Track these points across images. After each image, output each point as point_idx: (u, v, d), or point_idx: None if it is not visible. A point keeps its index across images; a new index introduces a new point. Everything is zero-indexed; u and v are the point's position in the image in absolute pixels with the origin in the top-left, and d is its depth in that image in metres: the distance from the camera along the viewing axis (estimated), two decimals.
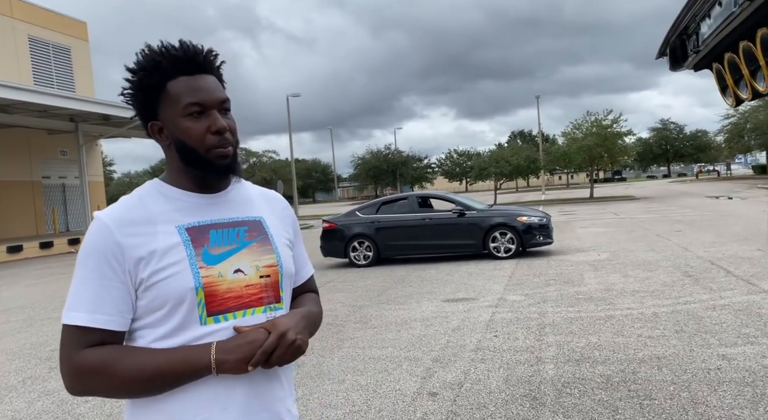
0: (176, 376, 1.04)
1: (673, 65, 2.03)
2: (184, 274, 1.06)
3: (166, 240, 1.07)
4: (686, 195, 29.59)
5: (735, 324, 4.97)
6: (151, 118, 1.13)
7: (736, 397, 3.42)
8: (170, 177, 1.16)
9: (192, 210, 1.13)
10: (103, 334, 1.05)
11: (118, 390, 1.05)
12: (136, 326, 1.09)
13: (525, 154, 36.00)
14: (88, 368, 1.03)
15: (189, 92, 1.09)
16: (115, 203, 1.13)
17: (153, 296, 1.06)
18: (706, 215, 16.44)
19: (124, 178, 67.17)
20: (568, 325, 5.35)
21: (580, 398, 3.58)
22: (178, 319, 1.06)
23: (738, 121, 51.44)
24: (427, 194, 11.62)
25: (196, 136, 1.09)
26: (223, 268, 1.09)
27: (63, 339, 1.06)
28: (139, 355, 1.05)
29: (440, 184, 66.27)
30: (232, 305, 1.09)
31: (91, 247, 1.07)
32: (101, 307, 1.04)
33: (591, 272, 8.16)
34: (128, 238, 1.06)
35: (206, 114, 1.10)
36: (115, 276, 1.05)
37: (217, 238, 1.12)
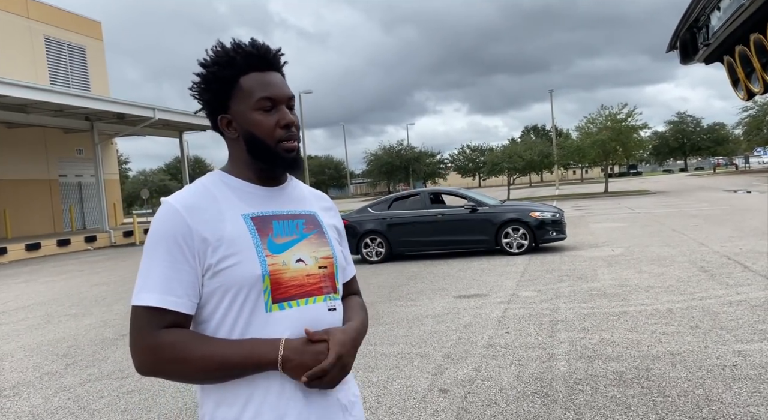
0: (242, 369, 1.07)
1: (684, 58, 1.99)
2: (251, 262, 1.09)
3: (233, 228, 1.11)
4: (703, 189, 29.17)
5: (752, 320, 4.90)
6: (220, 111, 1.18)
7: (752, 395, 3.37)
8: (233, 169, 1.20)
9: (255, 200, 1.17)
10: (173, 315, 1.08)
11: (185, 375, 1.09)
12: (202, 312, 1.13)
13: (538, 149, 35.72)
14: (160, 351, 1.07)
15: (261, 87, 1.15)
16: (181, 191, 1.16)
17: (220, 282, 1.09)
18: (724, 209, 16.20)
19: (140, 176, 67.72)
20: (581, 321, 5.31)
21: (592, 395, 3.56)
22: (244, 305, 1.09)
23: (757, 114, 50.50)
24: (438, 190, 11.60)
25: (267, 129, 1.14)
26: (286, 257, 1.14)
27: (134, 320, 1.09)
28: (209, 344, 1.08)
29: (453, 180, 66.05)
30: (296, 293, 1.13)
31: (162, 230, 1.09)
32: (171, 289, 1.07)
33: (605, 268, 8.09)
34: (198, 224, 1.09)
35: (276, 109, 1.15)
36: (185, 259, 1.08)
37: (280, 229, 1.16)
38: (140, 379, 4.56)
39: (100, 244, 20.36)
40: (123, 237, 21.47)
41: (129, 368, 4.92)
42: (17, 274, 13.20)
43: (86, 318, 7.35)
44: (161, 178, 65.59)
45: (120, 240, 21.26)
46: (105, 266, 13.85)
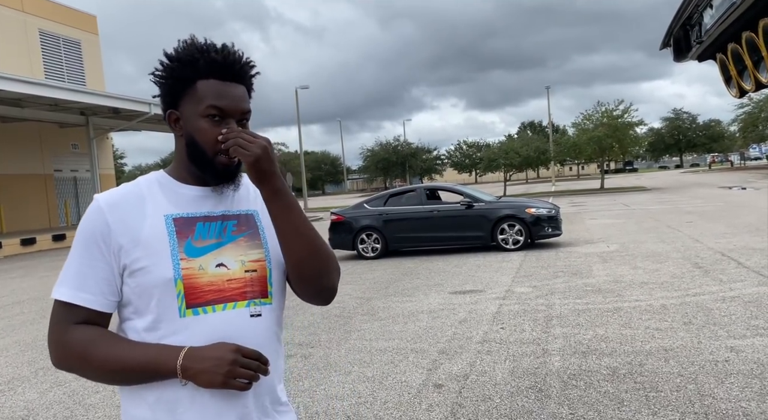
0: (140, 374, 1.05)
1: (677, 56, 2.00)
2: (163, 265, 1.07)
3: (151, 229, 1.09)
4: (698, 185, 29.28)
5: (744, 316, 4.93)
6: (171, 106, 1.15)
7: (744, 390, 3.40)
8: (173, 168, 1.19)
9: (184, 202, 1.15)
10: (86, 312, 1.07)
11: (91, 374, 1.08)
12: (125, 312, 1.12)
13: (535, 145, 35.78)
14: (68, 347, 1.07)
15: (214, 96, 1.11)
16: (115, 187, 1.17)
17: (135, 283, 1.08)
18: (718, 206, 16.27)
19: (135, 171, 67.60)
20: (576, 317, 5.34)
21: (585, 390, 3.58)
22: (158, 309, 1.07)
23: (753, 110, 50.64)
24: (434, 186, 11.61)
25: (208, 139, 1.11)
26: (204, 261, 1.10)
27: (52, 313, 1.11)
28: (116, 345, 1.06)
29: (450, 176, 66.06)
30: (212, 298, 1.09)
31: (84, 227, 1.10)
32: (85, 286, 1.07)
33: (600, 264, 8.12)
34: (117, 223, 1.08)
35: (225, 121, 1.12)
36: (102, 257, 1.08)
37: (203, 231, 1.13)
38: None
39: None
40: None
41: None
42: (12, 270, 13.16)
43: None
44: None
45: None
46: None
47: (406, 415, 3.41)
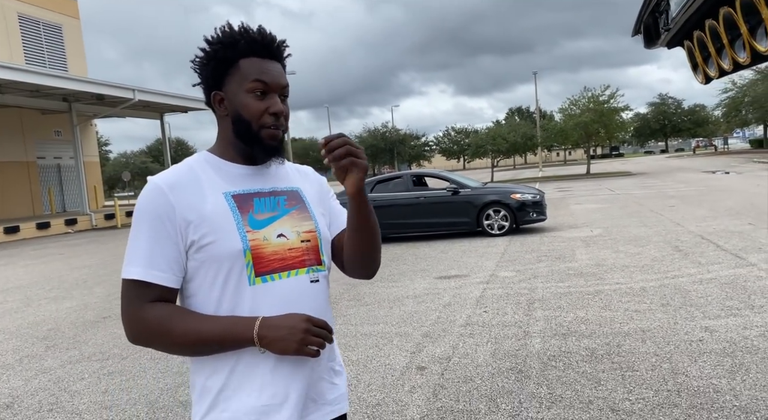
0: (220, 345, 1.13)
1: (648, 43, 2.04)
2: (232, 237, 1.14)
3: (214, 206, 1.16)
4: (682, 170, 29.61)
5: (720, 297, 5.06)
6: (215, 88, 1.22)
7: (715, 368, 3.51)
8: (218, 148, 1.25)
9: (237, 179, 1.22)
10: (158, 289, 1.13)
11: (170, 347, 1.15)
12: (189, 286, 1.18)
13: (522, 131, 35.86)
14: (145, 324, 1.13)
15: (258, 71, 1.18)
16: (167, 170, 1.22)
17: (204, 258, 1.14)
18: (701, 190, 16.50)
19: (120, 158, 66.71)
20: (557, 300, 5.43)
21: (564, 371, 3.67)
22: (228, 279, 1.14)
23: (736, 95, 51.10)
24: (421, 173, 11.64)
25: (255, 112, 1.18)
26: (267, 232, 1.19)
27: (123, 292, 1.15)
28: (192, 320, 1.13)
29: (438, 163, 66.09)
30: (277, 266, 1.18)
31: (147, 207, 1.14)
32: (155, 264, 1.12)
33: (583, 248, 8.24)
34: (180, 202, 1.14)
35: (268, 95, 1.19)
36: (168, 235, 1.13)
37: (260, 206, 1.21)
38: (121, 361, 4.60)
39: (81, 227, 20.14)
40: (104, 220, 21.25)
41: (110, 350, 4.95)
42: None
43: (66, 301, 7.33)
44: (143, 161, 64.71)
45: (101, 223, 21.04)
46: (86, 249, 13.73)
47: (389, 397, 3.47)
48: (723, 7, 1.41)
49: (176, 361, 4.46)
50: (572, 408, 3.13)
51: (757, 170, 24.66)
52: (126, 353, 4.81)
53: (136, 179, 62.69)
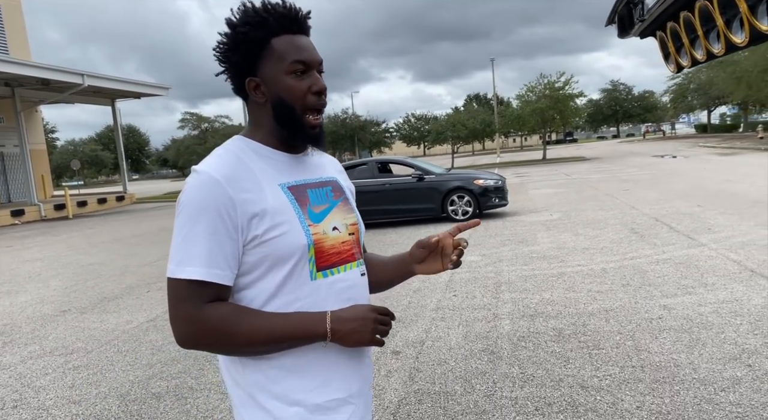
0: (291, 342, 1.09)
1: (621, 32, 2.11)
2: (297, 232, 1.09)
3: (274, 198, 1.10)
4: (634, 155, 30.67)
5: (675, 276, 5.31)
6: (249, 73, 1.13)
7: (675, 343, 3.70)
8: (257, 135, 1.17)
9: (286, 169, 1.16)
10: (216, 288, 1.07)
11: (232, 348, 1.09)
12: (240, 281, 1.11)
13: (481, 117, 36.31)
14: (205, 325, 1.06)
15: (294, 50, 1.11)
16: (212, 158, 1.11)
17: (266, 253, 1.08)
18: (652, 174, 17.15)
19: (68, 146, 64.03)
20: (523, 282, 5.59)
21: (534, 351, 3.79)
22: (290, 274, 1.10)
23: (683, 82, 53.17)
24: (386, 159, 11.67)
25: (298, 94, 1.11)
26: (324, 225, 1.15)
27: (175, 293, 1.07)
28: (257, 318, 1.08)
29: (398, 149, 66.25)
30: (336, 260, 1.15)
31: (204, 201, 1.05)
32: (216, 262, 1.05)
33: (544, 232, 8.47)
34: (240, 194, 1.06)
35: (308, 73, 1.12)
36: (227, 232, 1.06)
37: (314, 198, 1.17)
38: (86, 355, 4.47)
39: (29, 218, 19.29)
40: (54, 210, 20.42)
41: (73, 344, 4.81)
42: None
43: (21, 295, 7.04)
44: (92, 149, 62.34)
45: (51, 213, 20.21)
46: (36, 241, 13.19)
47: None
48: (699, 1, 1.47)
49: (145, 353, 4.38)
50: (544, 386, 3.25)
51: (703, 154, 25.81)
52: (91, 347, 4.68)
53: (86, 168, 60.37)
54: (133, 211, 21.52)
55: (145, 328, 5.11)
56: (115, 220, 18.00)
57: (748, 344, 3.58)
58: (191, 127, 43.69)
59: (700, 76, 48.93)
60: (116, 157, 44.46)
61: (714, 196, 10.58)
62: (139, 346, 4.61)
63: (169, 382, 3.76)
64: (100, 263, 9.14)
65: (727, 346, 3.58)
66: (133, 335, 4.93)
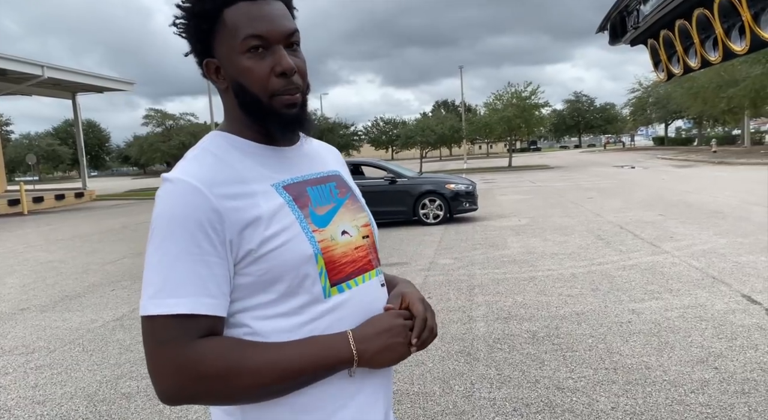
0: (312, 374, 0.87)
1: (613, 39, 2.17)
2: (299, 240, 0.88)
3: (268, 201, 0.89)
4: (596, 164, 31.53)
5: (642, 282, 5.47)
6: (205, 54, 0.93)
7: (645, 346, 3.81)
8: (233, 128, 0.95)
9: (278, 165, 0.95)
10: (210, 321, 0.85)
11: (237, 394, 0.84)
12: (236, 310, 0.89)
13: (449, 123, 36.71)
14: (202, 367, 0.82)
15: (248, 22, 0.88)
16: (186, 162, 0.90)
17: (264, 270, 0.87)
18: (615, 183, 17.66)
19: (23, 140, 61.60)
20: (495, 285, 5.66)
21: (509, 352, 3.84)
22: (297, 293, 0.89)
23: (642, 95, 55.07)
24: (358, 161, 11.66)
25: (257, 78, 0.89)
26: (332, 230, 0.94)
27: (156, 332, 0.83)
28: (265, 350, 0.86)
29: (367, 152, 66.28)
30: (351, 271, 0.94)
31: (182, 215, 0.83)
32: (206, 289, 0.83)
33: (513, 236, 8.60)
34: (225, 203, 0.85)
35: (270, 50, 0.89)
36: (214, 250, 0.84)
37: (316, 197, 0.96)
38: (49, 354, 4.30)
39: None
40: (8, 206, 19.60)
41: (34, 343, 4.61)
42: None
43: None
44: (49, 143, 60.14)
45: (4, 209, 19.39)
46: None
47: None
48: (698, 9, 1.52)
49: (113, 353, 4.23)
50: (521, 387, 3.29)
51: (661, 165, 26.75)
52: (53, 346, 4.50)
53: (42, 163, 58.16)
54: (93, 208, 20.85)
55: (112, 327, 4.95)
56: (74, 217, 17.40)
57: (714, 348, 3.71)
58: (155, 124, 42.62)
59: (658, 91, 50.75)
60: (75, 153, 43.06)
61: (674, 206, 10.97)
62: (106, 345, 4.45)
63: (140, 381, 3.64)
64: (59, 261, 8.81)
65: (694, 350, 3.70)
66: (99, 334, 4.76)
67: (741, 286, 5.12)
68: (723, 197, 11.95)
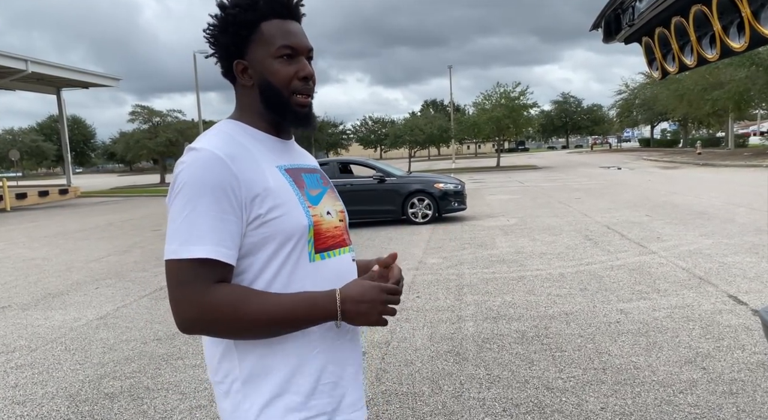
0: (301, 321, 1.07)
1: (606, 37, 2.15)
2: (298, 212, 1.09)
3: (274, 179, 1.09)
4: (583, 165, 31.74)
5: (630, 282, 5.49)
6: (237, 56, 1.14)
7: (633, 346, 3.81)
8: (247, 119, 1.17)
9: (281, 152, 1.17)
10: (223, 268, 1.03)
11: (239, 330, 1.05)
12: (242, 264, 1.08)
13: (438, 123, 36.75)
14: (215, 306, 1.01)
15: (283, 35, 1.12)
16: (209, 137, 1.09)
17: (267, 233, 1.07)
18: (602, 184, 17.78)
19: (6, 135, 60.61)
20: (484, 285, 5.64)
21: (499, 352, 3.82)
22: (290, 255, 1.08)
23: (628, 98, 55.55)
24: (348, 160, 11.61)
25: (284, 78, 1.12)
26: (321, 208, 1.16)
27: (177, 274, 1.02)
28: (265, 298, 1.05)
29: (355, 151, 66.18)
30: (332, 244, 1.16)
31: (208, 179, 1.02)
32: (223, 241, 1.02)
33: (502, 236, 8.60)
34: (244, 173, 1.05)
35: (296, 59, 1.13)
36: (232, 210, 1.03)
37: (309, 182, 1.18)
38: (30, 353, 4.20)
39: None
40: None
41: (15, 342, 4.51)
42: None
43: None
44: (33, 139, 59.23)
45: None
46: None
47: None
48: (695, 5, 1.50)
49: (96, 352, 4.15)
50: (511, 387, 3.27)
51: (647, 167, 26.99)
52: (35, 345, 4.40)
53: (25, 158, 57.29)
54: (78, 205, 20.56)
55: (95, 326, 4.86)
56: (58, 213, 17.14)
57: (702, 348, 3.72)
58: (142, 121, 42.07)
59: (645, 93, 51.22)
60: (59, 149, 42.38)
61: (660, 207, 11.05)
62: (89, 344, 4.37)
63: (123, 381, 3.57)
64: (42, 258, 8.66)
65: (682, 350, 3.71)
66: (81, 333, 4.67)
67: (727, 286, 5.15)
68: (708, 198, 12.07)
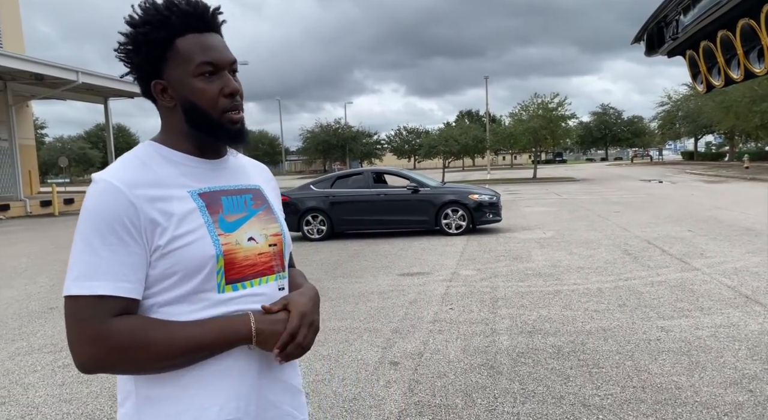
0: (212, 349, 1.01)
1: (649, 50, 2.13)
2: (204, 241, 1.02)
3: (181, 205, 1.03)
4: (622, 178, 31.01)
5: (671, 299, 5.33)
6: (153, 76, 1.06)
7: (674, 365, 3.70)
8: (168, 140, 1.10)
9: (199, 175, 1.08)
10: (124, 303, 0.98)
11: (145, 364, 0.99)
12: (148, 294, 1.03)
13: (473, 133, 36.56)
14: (115, 340, 0.96)
15: (201, 50, 1.04)
16: (115, 165, 1.04)
17: (170, 264, 1.00)
18: (642, 197, 17.34)
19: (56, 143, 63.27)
20: (519, 298, 5.58)
21: (534, 367, 3.77)
22: (193, 286, 1.02)
23: (671, 109, 54.10)
24: (381, 170, 11.67)
25: (209, 98, 1.05)
26: (238, 235, 1.07)
27: (76, 311, 0.97)
28: (171, 327, 1.00)
29: (389, 161, 66.44)
30: (249, 273, 1.08)
31: (104, 211, 0.98)
32: (124, 275, 0.98)
33: (538, 249, 8.49)
34: (142, 202, 0.99)
35: (218, 75, 1.06)
36: (133, 240, 0.98)
37: (230, 205, 1.09)
38: None
39: (14, 214, 18.99)
40: (40, 207, 20.13)
41: (62, 342, 4.69)
42: None
43: (6, 290, 6.89)
44: (81, 146, 61.67)
45: (36, 210, 19.92)
46: (22, 237, 12.96)
47: (365, 391, 3.46)
48: (743, 19, 1.48)
49: None
50: (545, 403, 3.22)
51: (690, 180, 26.19)
52: None
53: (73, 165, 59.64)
54: None
55: None
56: None
57: (748, 369, 3.59)
58: None
59: (688, 105, 49.81)
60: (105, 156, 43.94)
61: (704, 222, 10.71)
62: None
63: None
64: None
65: (727, 371, 3.58)
66: None
67: None
68: (755, 214, 11.63)
